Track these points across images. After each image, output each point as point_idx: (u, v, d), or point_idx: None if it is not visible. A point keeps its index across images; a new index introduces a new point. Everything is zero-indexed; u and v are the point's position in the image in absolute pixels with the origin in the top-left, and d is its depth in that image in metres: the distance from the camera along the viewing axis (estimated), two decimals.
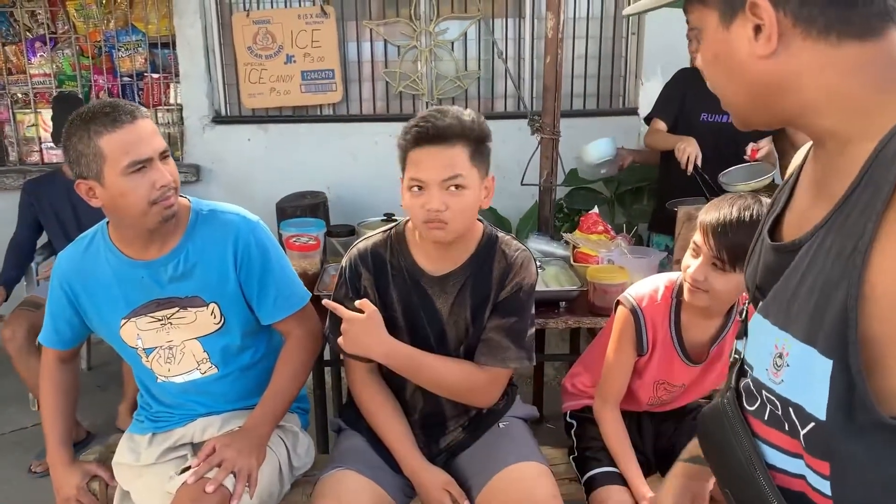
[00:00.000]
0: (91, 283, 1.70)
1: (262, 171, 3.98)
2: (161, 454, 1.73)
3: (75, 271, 1.71)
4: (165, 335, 1.70)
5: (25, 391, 3.53)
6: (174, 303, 1.68)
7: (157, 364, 1.74)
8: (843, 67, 0.77)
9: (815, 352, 0.77)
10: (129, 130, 1.53)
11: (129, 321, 1.70)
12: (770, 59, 0.79)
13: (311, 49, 3.85)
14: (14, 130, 4.03)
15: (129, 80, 3.97)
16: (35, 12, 3.88)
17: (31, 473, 2.99)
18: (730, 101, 0.87)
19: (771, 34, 0.78)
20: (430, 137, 1.53)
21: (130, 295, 1.68)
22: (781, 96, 0.81)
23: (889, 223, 0.72)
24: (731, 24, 0.81)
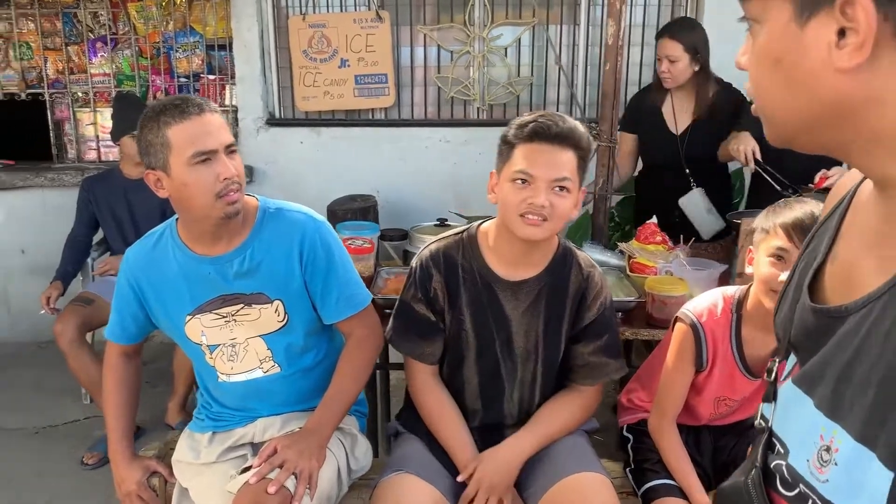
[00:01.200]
0: (158, 279, 1.72)
1: (314, 173, 4.01)
2: (221, 453, 1.74)
3: (142, 267, 1.73)
4: (229, 332, 1.72)
5: (79, 384, 3.61)
6: (239, 299, 1.69)
7: (220, 362, 1.75)
8: None
9: (874, 457, 0.63)
10: (197, 122, 1.55)
11: (194, 317, 1.71)
12: (851, 73, 0.61)
13: (365, 53, 3.87)
14: (73, 128, 4.11)
15: (185, 80, 4.04)
16: (97, 13, 3.97)
17: (84, 465, 3.04)
18: (780, 113, 0.69)
19: (865, 42, 0.59)
20: (550, 136, 1.56)
21: (196, 291, 1.69)
22: (850, 122, 0.64)
23: None
24: (808, 21, 0.63)
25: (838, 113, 0.64)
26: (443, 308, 1.74)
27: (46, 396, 3.64)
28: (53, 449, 3.19)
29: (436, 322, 1.74)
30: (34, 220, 4.06)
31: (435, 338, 1.75)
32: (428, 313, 1.74)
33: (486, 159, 3.97)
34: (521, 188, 1.57)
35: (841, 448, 0.67)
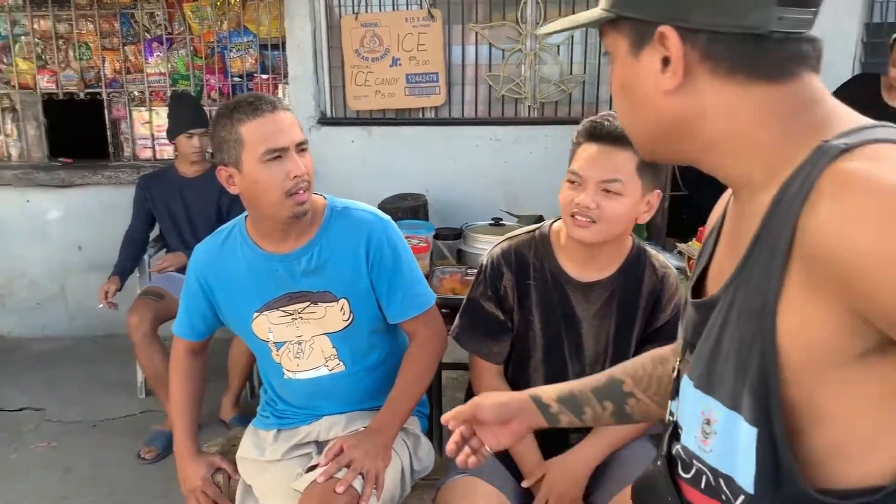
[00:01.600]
0: (226, 277, 1.73)
1: (364, 172, 4.02)
2: (287, 451, 1.75)
3: (211, 264, 1.75)
4: (295, 330, 1.72)
5: (135, 378, 3.67)
6: (306, 297, 1.70)
7: (287, 359, 1.76)
8: (752, 109, 0.73)
9: (741, 419, 0.73)
10: (269, 119, 1.57)
11: (262, 314, 1.72)
12: (676, 94, 0.75)
13: (416, 52, 3.87)
14: (129, 127, 4.19)
15: (239, 80, 4.08)
16: (154, 14, 4.03)
17: (141, 460, 3.09)
18: (634, 132, 0.84)
19: (677, 68, 0.73)
20: (601, 135, 1.53)
21: (264, 288, 1.70)
22: (686, 135, 0.77)
23: (790, 282, 0.68)
24: (640, 53, 0.77)
25: (674, 128, 0.77)
26: (512, 307, 1.72)
27: (103, 390, 3.71)
28: (111, 442, 3.24)
29: (504, 321, 1.73)
30: (91, 218, 4.14)
31: (502, 337, 1.74)
32: (497, 312, 1.72)
33: (536, 158, 3.99)
34: (572, 188, 1.57)
35: (718, 418, 0.76)
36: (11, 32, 4.09)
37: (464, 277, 2.55)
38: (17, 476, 2.98)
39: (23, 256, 4.25)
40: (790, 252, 0.68)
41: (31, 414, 3.49)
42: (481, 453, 1.21)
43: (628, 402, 1.13)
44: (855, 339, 0.67)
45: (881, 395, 0.69)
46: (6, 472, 3.01)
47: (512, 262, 1.71)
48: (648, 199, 1.58)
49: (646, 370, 1.13)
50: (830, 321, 0.67)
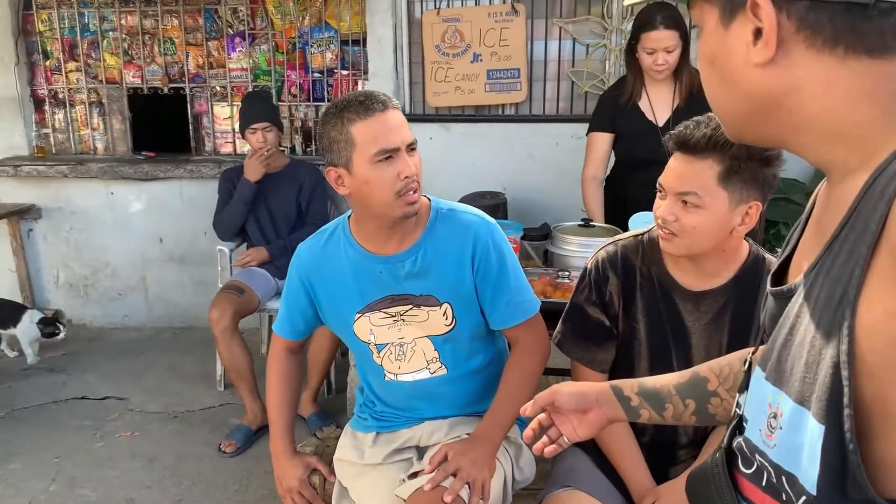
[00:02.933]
0: (328, 276, 1.71)
1: (442, 169, 3.97)
2: (387, 455, 1.71)
3: (314, 263, 1.72)
4: (397, 332, 1.69)
5: (213, 371, 3.71)
6: (409, 300, 1.66)
7: (388, 361, 1.73)
8: (850, 86, 0.67)
9: (809, 415, 0.68)
10: (380, 119, 1.53)
11: (364, 316, 1.69)
12: (767, 68, 0.69)
13: (498, 48, 3.81)
14: (211, 122, 4.23)
15: (319, 76, 4.08)
16: (237, 9, 4.06)
17: (221, 453, 3.11)
18: (722, 110, 0.78)
19: (769, 39, 0.67)
20: (680, 144, 1.46)
21: (366, 289, 1.67)
22: (777, 113, 0.71)
23: (875, 271, 0.63)
24: (730, 23, 0.72)
25: (765, 105, 0.72)
26: (617, 314, 1.65)
27: (182, 382, 3.76)
28: (191, 433, 3.28)
29: (610, 327, 1.66)
30: (172, 210, 4.21)
31: (607, 343, 1.67)
32: (602, 317, 1.65)
33: None
34: (659, 199, 1.53)
35: (785, 412, 0.72)
36: (100, 28, 4.18)
37: (554, 280, 2.48)
38: (105, 464, 3.03)
39: (106, 247, 4.34)
40: (878, 241, 0.62)
41: (114, 403, 3.56)
42: (559, 443, 1.17)
43: (711, 402, 1.09)
44: None
45: None
46: (94, 459, 3.06)
47: (618, 267, 1.64)
48: (746, 209, 1.45)
49: (732, 369, 1.07)
50: None
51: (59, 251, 4.40)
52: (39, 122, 4.36)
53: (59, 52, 4.22)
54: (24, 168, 4.15)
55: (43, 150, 4.27)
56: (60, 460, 3.05)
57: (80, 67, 4.25)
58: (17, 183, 4.26)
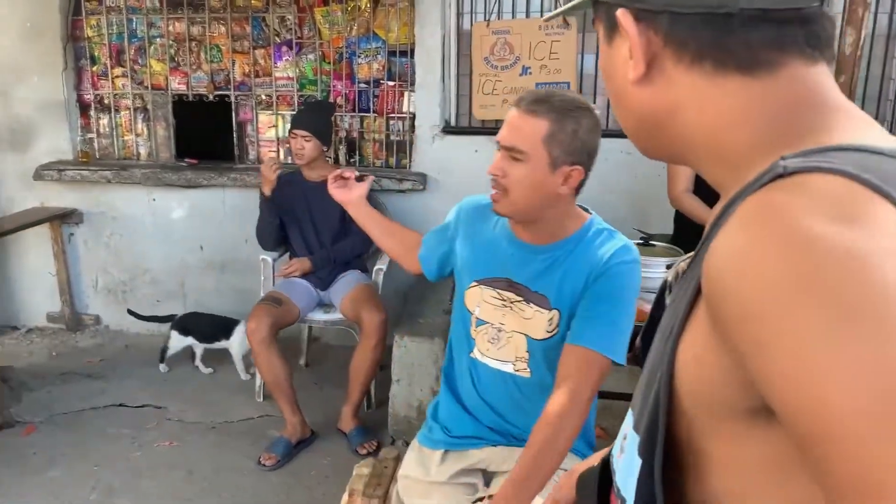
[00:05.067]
0: (473, 235, 1.74)
1: (487, 183, 3.90)
2: (453, 475, 1.68)
3: (471, 215, 1.76)
4: (500, 316, 1.68)
5: (252, 381, 3.67)
6: (522, 292, 1.65)
7: (482, 338, 1.72)
8: (722, 106, 0.63)
9: (637, 443, 0.66)
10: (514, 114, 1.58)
11: (479, 286, 1.70)
12: (645, 86, 0.66)
13: (548, 61, 3.75)
14: (255, 130, 4.21)
15: (365, 86, 4.04)
16: (285, 17, 4.04)
17: (261, 465, 3.06)
18: (622, 125, 0.74)
19: (636, 56, 0.64)
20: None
21: (492, 263, 1.69)
22: (665, 131, 0.68)
23: (696, 311, 0.60)
24: (611, 41, 0.69)
25: (651, 123, 0.68)
26: None
27: (220, 391, 3.72)
28: (230, 444, 3.23)
29: None
30: (214, 218, 4.19)
31: None
32: None
33: None
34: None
35: (627, 437, 0.71)
36: (148, 34, 4.18)
37: None
38: (144, 474, 2.99)
39: (146, 253, 4.33)
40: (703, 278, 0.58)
41: (152, 411, 3.53)
42: None
43: None
44: (742, 392, 0.57)
45: (763, 459, 0.59)
46: (132, 469, 3.02)
47: None
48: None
49: None
50: (722, 366, 0.57)
51: (99, 256, 4.40)
52: (84, 126, 4.37)
53: (107, 58, 4.23)
54: (69, 172, 4.16)
55: (87, 155, 4.28)
56: (99, 469, 3.02)
57: (126, 73, 4.25)
58: (60, 187, 4.27)
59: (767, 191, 0.55)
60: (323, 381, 3.82)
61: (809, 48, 0.61)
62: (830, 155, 0.55)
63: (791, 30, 0.60)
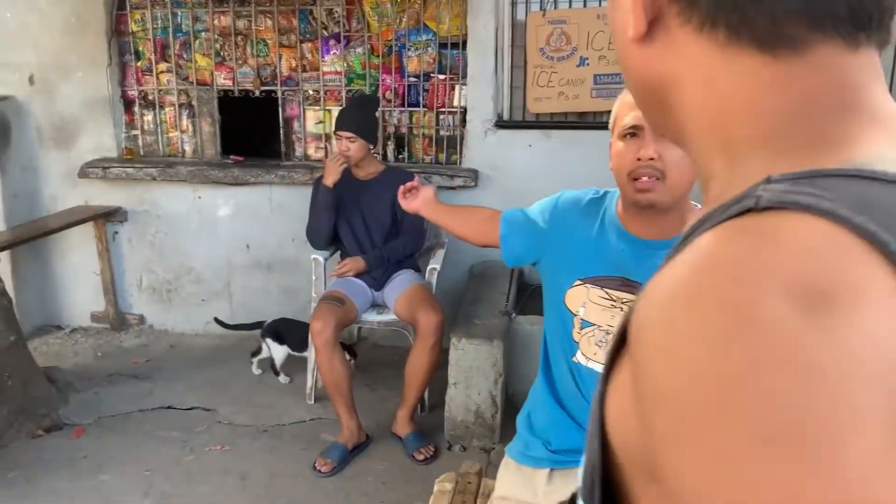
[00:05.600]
0: (573, 231, 1.60)
1: (541, 179, 3.78)
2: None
3: (569, 212, 1.64)
4: (609, 318, 1.55)
5: (302, 383, 3.57)
6: (637, 290, 1.49)
7: (587, 341, 1.59)
8: (731, 85, 0.49)
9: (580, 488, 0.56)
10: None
11: (584, 286, 1.58)
12: (647, 46, 0.53)
13: (607, 51, 3.60)
14: (302, 126, 4.11)
15: (415, 80, 3.93)
16: (332, 10, 3.94)
17: (316, 471, 2.96)
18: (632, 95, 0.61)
19: (636, 11, 0.52)
20: None
21: (601, 261, 1.56)
22: (661, 103, 0.55)
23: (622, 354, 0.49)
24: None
25: (653, 92, 0.56)
26: None
27: (270, 393, 3.63)
28: (282, 449, 3.14)
29: None
30: (260, 216, 4.10)
31: None
32: None
33: None
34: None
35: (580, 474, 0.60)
36: (193, 28, 4.10)
37: None
38: (196, 479, 2.91)
39: (191, 252, 4.26)
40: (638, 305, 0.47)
41: (201, 414, 3.45)
42: None
43: None
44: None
45: None
46: (185, 474, 2.94)
47: None
48: None
49: None
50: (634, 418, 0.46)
51: (143, 255, 4.33)
52: (129, 123, 4.30)
53: (151, 53, 4.16)
54: (113, 170, 4.09)
55: (132, 152, 4.21)
56: (151, 473, 2.94)
57: (170, 68, 4.17)
58: (104, 185, 4.20)
59: (728, 230, 0.43)
60: (375, 383, 3.71)
61: (854, 28, 0.46)
62: (826, 183, 0.42)
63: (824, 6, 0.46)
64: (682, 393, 0.39)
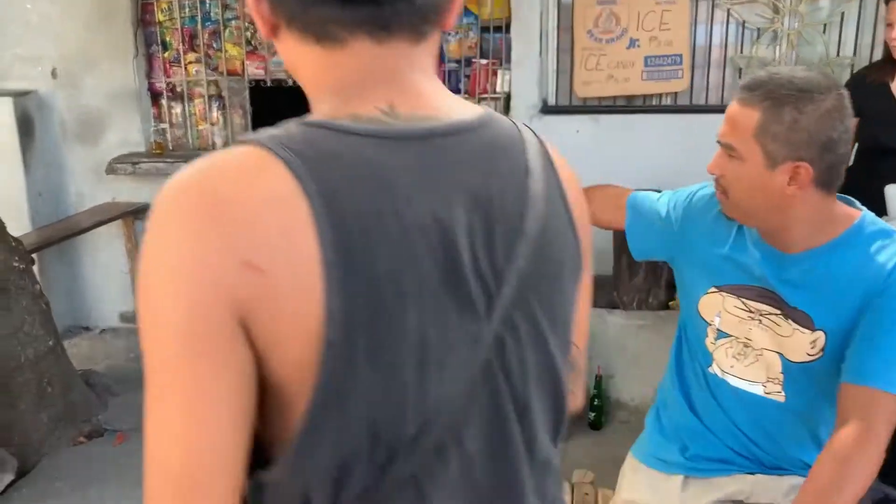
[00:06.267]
0: (704, 232, 1.46)
1: (590, 166, 3.60)
2: None
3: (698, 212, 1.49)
4: (747, 330, 1.42)
5: None
6: (779, 304, 1.37)
7: (722, 352, 1.45)
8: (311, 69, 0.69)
9: None
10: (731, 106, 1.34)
11: (719, 294, 1.44)
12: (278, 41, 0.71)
13: (658, 32, 3.47)
14: None
15: (455, 66, 3.79)
16: None
17: None
18: None
19: (260, 23, 0.70)
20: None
21: (735, 268, 1.42)
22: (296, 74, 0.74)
23: None
24: None
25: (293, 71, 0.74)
26: None
27: None
28: None
29: None
30: None
31: None
32: None
33: None
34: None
35: None
36: (223, 17, 3.95)
37: None
38: None
39: None
40: None
41: None
42: None
43: None
44: None
45: None
46: None
47: None
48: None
49: None
50: None
51: None
52: (156, 116, 4.16)
53: (179, 43, 4.01)
54: (143, 165, 3.95)
55: (160, 147, 4.07)
56: None
57: (199, 59, 4.03)
58: (132, 181, 4.06)
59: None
60: None
61: (377, 30, 0.65)
62: (300, 128, 0.63)
63: (356, 10, 0.64)
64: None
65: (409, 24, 0.66)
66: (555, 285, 0.72)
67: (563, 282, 0.73)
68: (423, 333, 0.62)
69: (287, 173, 0.58)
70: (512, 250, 0.67)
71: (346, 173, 0.60)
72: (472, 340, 0.65)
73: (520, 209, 0.68)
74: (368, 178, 0.61)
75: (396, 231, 0.61)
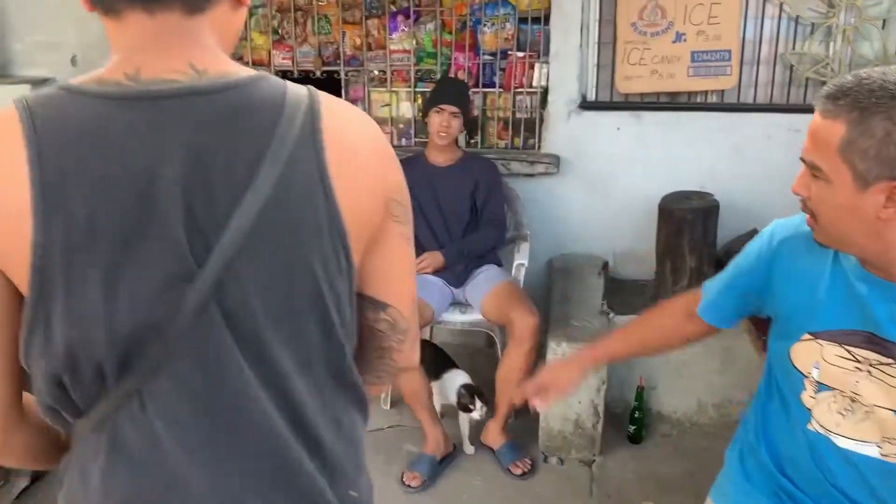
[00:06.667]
0: (797, 271, 1.28)
1: (631, 164, 3.49)
2: None
3: (789, 251, 1.29)
4: (854, 383, 1.22)
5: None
6: (891, 351, 1.18)
7: (824, 408, 1.26)
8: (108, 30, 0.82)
9: None
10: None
11: (816, 341, 1.25)
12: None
13: (706, 26, 3.30)
14: (367, 109, 3.82)
15: (489, 58, 3.63)
16: None
17: (406, 487, 2.71)
18: None
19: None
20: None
21: (835, 311, 1.23)
22: None
23: None
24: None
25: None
26: None
27: None
28: None
29: None
30: None
31: None
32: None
33: None
34: None
35: None
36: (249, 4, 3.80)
37: None
38: None
39: None
40: None
41: None
42: None
43: None
44: None
45: None
46: None
47: None
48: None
49: None
50: None
51: None
52: None
53: None
54: None
55: None
56: None
57: None
58: None
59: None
60: None
61: (146, 3, 0.78)
62: (54, 89, 0.77)
63: None
64: None
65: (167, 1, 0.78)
66: (292, 240, 0.78)
67: (303, 237, 0.79)
68: (115, 269, 0.73)
69: (18, 127, 0.73)
70: (237, 204, 0.74)
71: (66, 129, 0.74)
72: (179, 280, 0.74)
73: (254, 168, 0.75)
74: (86, 134, 0.74)
75: (99, 180, 0.72)
